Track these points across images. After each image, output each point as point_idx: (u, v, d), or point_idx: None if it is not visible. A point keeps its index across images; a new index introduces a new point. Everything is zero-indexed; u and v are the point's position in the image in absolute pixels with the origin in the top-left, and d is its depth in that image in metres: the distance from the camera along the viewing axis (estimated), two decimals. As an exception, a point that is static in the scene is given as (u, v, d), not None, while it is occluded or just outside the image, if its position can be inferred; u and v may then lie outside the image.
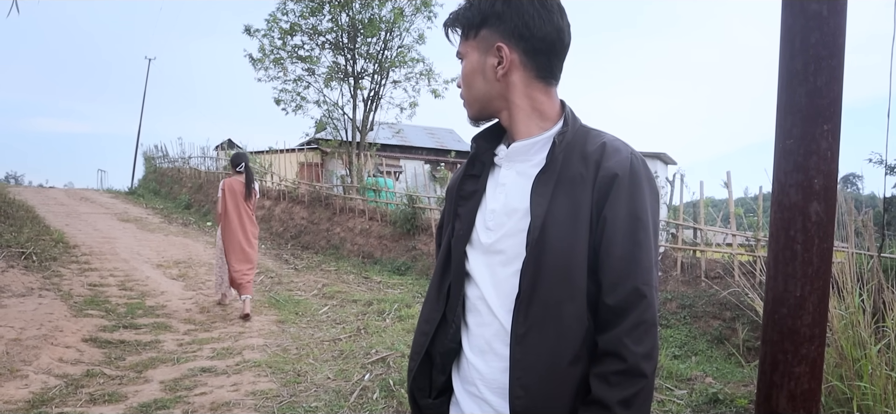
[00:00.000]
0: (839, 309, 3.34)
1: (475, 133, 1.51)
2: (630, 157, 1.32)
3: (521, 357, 1.29)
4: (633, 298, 1.26)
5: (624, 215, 1.28)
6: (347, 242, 12.34)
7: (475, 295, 1.41)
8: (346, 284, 9.24)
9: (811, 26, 1.47)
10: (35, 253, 9.05)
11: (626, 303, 1.26)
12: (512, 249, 1.34)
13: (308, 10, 14.88)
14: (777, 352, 1.53)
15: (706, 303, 6.66)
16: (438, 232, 1.64)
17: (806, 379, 1.51)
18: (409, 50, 15.55)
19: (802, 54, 1.48)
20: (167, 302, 7.65)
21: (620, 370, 1.24)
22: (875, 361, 3.10)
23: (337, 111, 16.00)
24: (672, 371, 5.19)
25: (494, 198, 1.41)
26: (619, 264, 1.27)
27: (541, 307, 1.29)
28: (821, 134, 1.47)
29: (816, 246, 1.49)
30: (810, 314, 1.50)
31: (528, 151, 1.39)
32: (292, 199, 15.01)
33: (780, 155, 1.53)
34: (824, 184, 1.48)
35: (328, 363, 5.48)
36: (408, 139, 26.66)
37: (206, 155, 21.04)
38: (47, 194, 19.77)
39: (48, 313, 6.38)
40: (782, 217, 1.52)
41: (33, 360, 5.07)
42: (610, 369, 1.25)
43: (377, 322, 6.92)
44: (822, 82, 1.47)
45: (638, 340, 1.24)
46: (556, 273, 1.28)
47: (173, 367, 5.27)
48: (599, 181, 1.29)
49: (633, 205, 1.29)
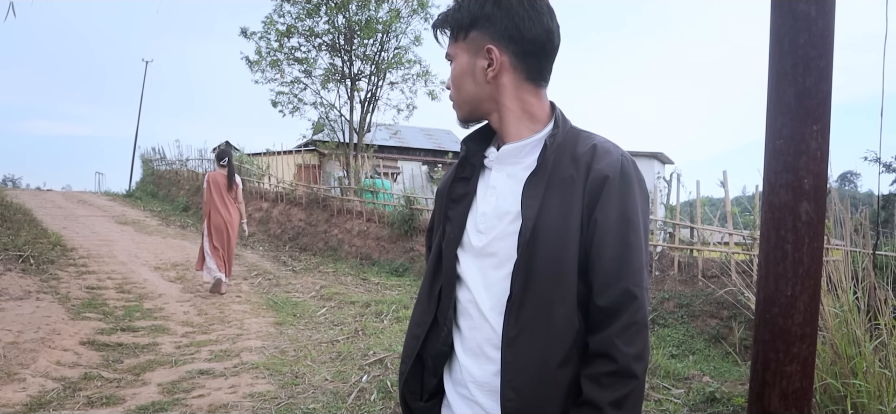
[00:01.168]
0: (834, 307, 3.35)
1: (465, 135, 1.51)
2: (621, 159, 1.32)
3: (512, 359, 1.29)
4: (625, 299, 1.26)
5: (615, 217, 1.29)
6: (345, 244, 12.35)
7: (466, 298, 1.41)
8: (344, 286, 9.24)
9: (800, 27, 1.48)
10: (32, 256, 9.04)
11: (618, 304, 1.26)
12: (503, 252, 1.34)
13: (305, 12, 14.89)
14: (769, 351, 1.54)
15: (703, 302, 6.68)
16: (428, 235, 1.65)
17: (798, 378, 1.52)
18: (405, 51, 15.60)
19: (791, 55, 1.48)
20: (165, 304, 7.65)
21: (612, 371, 1.24)
22: (869, 359, 3.12)
23: (334, 113, 16.02)
24: (669, 370, 5.20)
25: (485, 200, 1.41)
26: (610, 266, 1.27)
27: (532, 310, 1.29)
28: (810, 134, 1.48)
29: (807, 245, 1.49)
30: (801, 314, 1.50)
31: (519, 154, 1.39)
32: (290, 201, 15.02)
33: (770, 155, 1.53)
34: (814, 184, 1.49)
35: (326, 365, 5.48)
36: (405, 140, 26.69)
37: (203, 157, 21.00)
38: (45, 197, 19.74)
39: (46, 316, 6.38)
40: (773, 217, 1.53)
41: (31, 363, 5.07)
42: (601, 370, 1.25)
43: (375, 323, 6.93)
44: (811, 82, 1.47)
45: (629, 341, 1.25)
46: (548, 275, 1.29)
47: (171, 369, 5.27)
48: (590, 183, 1.30)
49: (624, 207, 1.29)
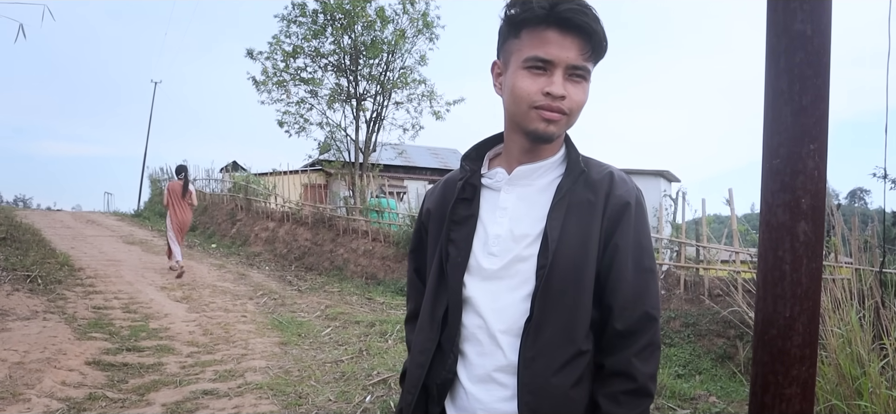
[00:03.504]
0: (837, 327, 3.32)
1: (464, 154, 1.49)
2: (635, 188, 1.38)
3: (529, 381, 1.29)
4: (644, 322, 1.31)
5: (633, 243, 1.33)
6: (351, 263, 12.34)
7: (475, 324, 1.38)
8: (349, 306, 9.23)
9: (795, 46, 1.48)
10: (40, 276, 9.08)
11: (637, 326, 1.30)
12: (521, 274, 1.33)
13: (311, 33, 15.01)
14: (768, 373, 1.53)
15: (710, 321, 6.62)
16: (413, 255, 1.63)
17: (797, 400, 1.51)
18: (411, 71, 15.67)
19: (787, 73, 1.49)
20: (171, 324, 7.65)
21: (631, 390, 1.28)
22: (875, 380, 3.08)
23: (340, 132, 16.08)
24: (675, 390, 5.15)
25: (496, 222, 1.39)
26: (630, 290, 1.31)
27: (550, 332, 1.29)
28: (807, 153, 1.48)
29: (805, 266, 1.49)
30: (800, 335, 1.49)
31: (531, 175, 1.39)
32: (296, 221, 15.04)
33: (768, 175, 1.53)
34: (812, 203, 1.48)
35: (330, 385, 5.46)
36: (411, 159, 26.74)
37: (210, 177, 21.11)
38: (54, 217, 19.85)
39: (52, 336, 6.39)
40: (770, 237, 1.52)
41: (36, 383, 5.07)
42: (620, 389, 1.29)
43: (379, 343, 6.90)
44: (808, 101, 1.47)
45: (645, 361, 1.30)
46: (568, 298, 1.30)
47: (175, 389, 5.26)
48: (610, 209, 1.32)
49: (640, 234, 1.34)
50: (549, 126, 1.30)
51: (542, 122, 1.30)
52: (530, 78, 1.28)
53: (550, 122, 1.30)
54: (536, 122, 1.30)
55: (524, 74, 1.29)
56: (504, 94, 1.38)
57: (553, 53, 1.26)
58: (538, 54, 1.27)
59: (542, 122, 1.30)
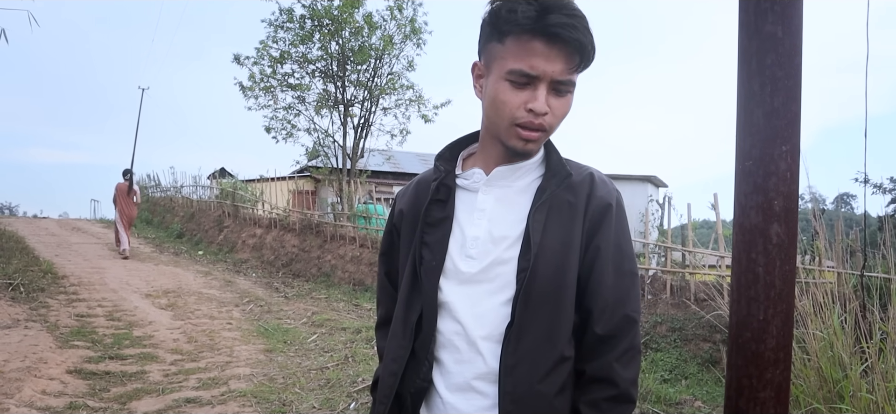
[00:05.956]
0: (819, 331, 3.32)
1: (437, 153, 1.45)
2: (615, 190, 1.35)
3: (511, 389, 1.24)
4: (625, 325, 1.28)
5: (614, 246, 1.30)
6: (338, 270, 12.29)
7: (452, 330, 1.32)
8: (336, 312, 9.18)
9: (766, 47, 1.47)
10: (22, 284, 8.97)
11: (618, 330, 1.28)
12: (501, 278, 1.29)
13: (298, 39, 14.96)
14: (742, 377, 1.51)
15: (696, 326, 6.63)
16: (384, 258, 1.60)
17: (772, 404, 1.49)
18: (398, 77, 15.66)
19: (759, 75, 1.47)
20: (155, 332, 7.57)
21: (612, 396, 1.26)
22: (856, 383, 3.08)
23: (328, 139, 16.04)
24: (661, 395, 5.15)
25: (474, 224, 1.34)
26: (611, 293, 1.28)
27: (532, 338, 1.25)
28: (780, 155, 1.46)
29: (778, 268, 1.47)
30: (774, 338, 1.48)
31: (510, 176, 1.35)
32: (284, 227, 14.97)
33: (740, 177, 1.52)
34: (785, 205, 1.47)
35: (314, 392, 5.42)
36: (400, 165, 26.74)
37: (198, 184, 21.00)
38: (39, 225, 19.67)
39: (33, 345, 6.31)
40: (743, 239, 1.51)
41: (15, 393, 5.00)
42: (601, 396, 1.26)
43: (365, 350, 6.86)
44: (780, 103, 1.46)
45: (626, 366, 1.27)
46: (550, 302, 1.26)
47: (158, 398, 5.20)
48: (592, 211, 1.30)
49: (620, 236, 1.32)
50: (527, 144, 1.27)
51: (520, 140, 1.26)
52: (512, 91, 1.23)
53: (529, 140, 1.26)
54: (515, 139, 1.27)
55: (506, 87, 1.24)
56: (484, 100, 1.32)
57: (539, 68, 1.21)
58: (523, 68, 1.21)
59: (521, 140, 1.26)
